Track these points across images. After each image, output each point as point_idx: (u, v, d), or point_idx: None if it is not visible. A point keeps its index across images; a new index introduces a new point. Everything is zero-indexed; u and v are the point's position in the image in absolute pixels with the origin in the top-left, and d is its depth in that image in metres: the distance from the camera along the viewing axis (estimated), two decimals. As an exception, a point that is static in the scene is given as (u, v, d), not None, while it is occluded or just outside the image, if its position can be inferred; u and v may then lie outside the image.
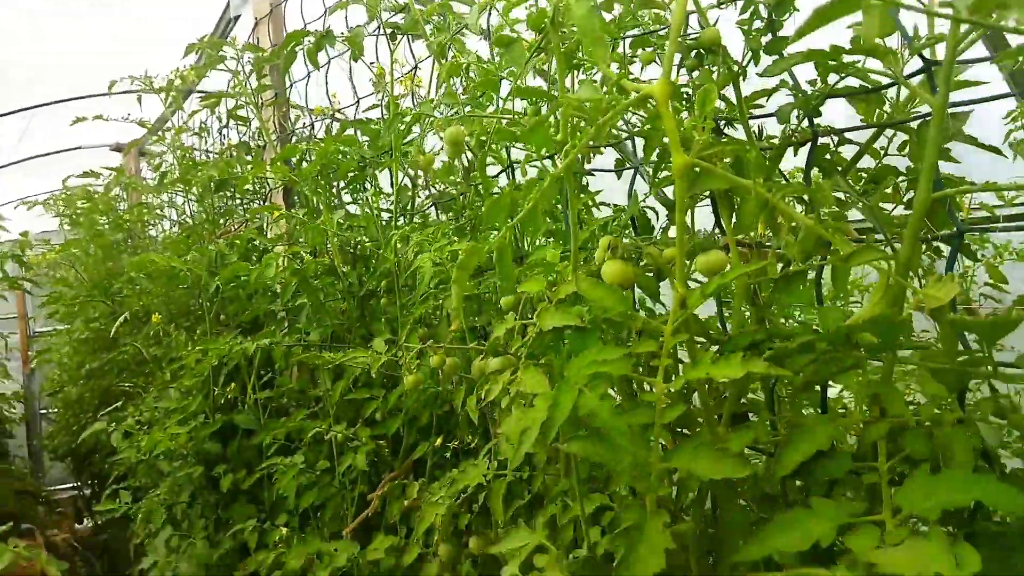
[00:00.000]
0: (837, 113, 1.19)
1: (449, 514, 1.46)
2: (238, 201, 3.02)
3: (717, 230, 1.06)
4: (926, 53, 0.92)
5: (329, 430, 2.09)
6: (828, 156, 1.13)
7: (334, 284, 2.13)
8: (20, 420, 6.15)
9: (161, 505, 2.60)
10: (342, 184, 2.23)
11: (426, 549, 1.91)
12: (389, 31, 2.09)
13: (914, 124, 1.05)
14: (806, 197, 1.01)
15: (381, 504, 2.07)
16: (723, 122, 1.16)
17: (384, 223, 2.09)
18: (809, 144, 1.07)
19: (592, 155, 1.56)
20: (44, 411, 6.51)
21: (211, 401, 2.56)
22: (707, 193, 1.02)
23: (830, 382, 0.94)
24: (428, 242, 1.44)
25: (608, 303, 0.89)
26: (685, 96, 1.14)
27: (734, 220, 0.99)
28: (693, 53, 1.11)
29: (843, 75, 1.03)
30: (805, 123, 1.07)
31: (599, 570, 1.02)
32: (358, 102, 2.36)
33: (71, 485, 6.05)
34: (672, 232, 1.18)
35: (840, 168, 1.12)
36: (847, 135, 1.13)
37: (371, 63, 2.27)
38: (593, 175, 1.63)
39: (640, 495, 0.81)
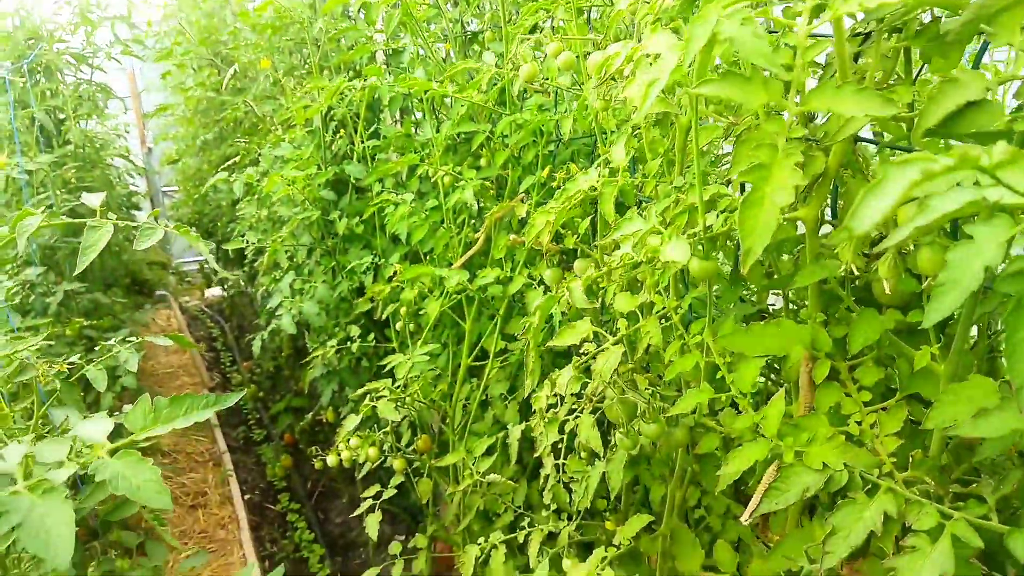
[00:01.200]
0: None
1: (558, 224, 1.50)
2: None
3: None
4: None
5: (436, 172, 2.13)
6: None
7: (438, 17, 2.07)
8: (145, 196, 6.63)
9: (283, 248, 2.80)
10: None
11: (531, 280, 2.00)
12: None
13: None
14: None
15: (487, 242, 2.16)
16: None
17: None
18: None
19: None
20: (165, 188, 6.98)
21: (322, 152, 2.66)
22: None
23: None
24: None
25: (750, -59, 0.83)
26: None
27: None
28: None
29: None
30: None
31: (715, 242, 1.05)
32: None
33: (198, 256, 6.61)
34: None
35: None
36: None
37: None
38: None
39: (771, 136, 0.80)
